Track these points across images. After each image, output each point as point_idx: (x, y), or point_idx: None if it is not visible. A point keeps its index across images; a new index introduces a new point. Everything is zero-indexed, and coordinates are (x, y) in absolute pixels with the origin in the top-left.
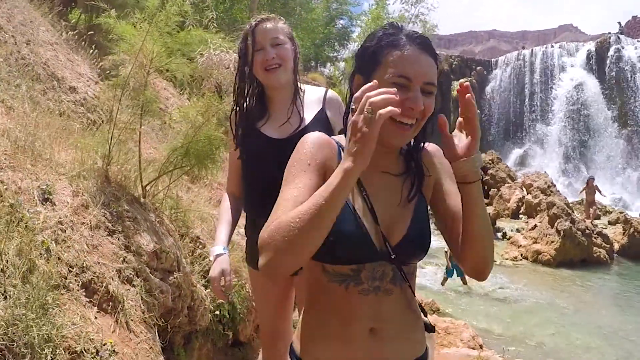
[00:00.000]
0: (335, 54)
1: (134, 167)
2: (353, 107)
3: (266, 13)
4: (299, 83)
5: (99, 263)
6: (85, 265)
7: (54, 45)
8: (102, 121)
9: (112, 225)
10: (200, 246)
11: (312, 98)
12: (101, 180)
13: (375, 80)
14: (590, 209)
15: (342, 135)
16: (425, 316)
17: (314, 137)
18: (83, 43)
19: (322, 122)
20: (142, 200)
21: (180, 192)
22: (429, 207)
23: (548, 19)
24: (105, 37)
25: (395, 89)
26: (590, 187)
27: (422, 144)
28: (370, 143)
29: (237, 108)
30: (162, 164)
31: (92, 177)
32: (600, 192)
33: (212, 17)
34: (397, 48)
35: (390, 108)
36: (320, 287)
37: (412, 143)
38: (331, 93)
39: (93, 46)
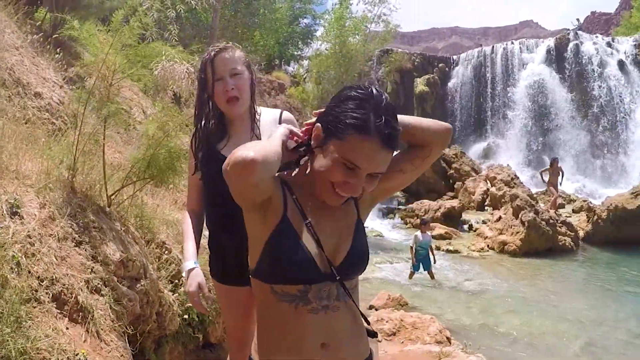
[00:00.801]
0: (299, 53)
1: (99, 176)
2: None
3: (224, 41)
4: (255, 107)
5: (67, 274)
6: (54, 277)
7: (19, 49)
8: (67, 127)
9: (79, 236)
10: (166, 251)
11: (268, 119)
12: (67, 191)
13: None
14: (553, 196)
15: (289, 172)
16: (368, 324)
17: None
18: (48, 46)
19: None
20: (107, 209)
21: (145, 197)
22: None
23: (509, 15)
24: (70, 37)
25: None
26: (555, 169)
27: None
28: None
29: (198, 133)
30: (126, 174)
31: (58, 188)
32: (562, 175)
33: (174, 31)
34: (361, 135)
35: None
36: (270, 305)
37: None
38: (286, 114)
39: (58, 49)
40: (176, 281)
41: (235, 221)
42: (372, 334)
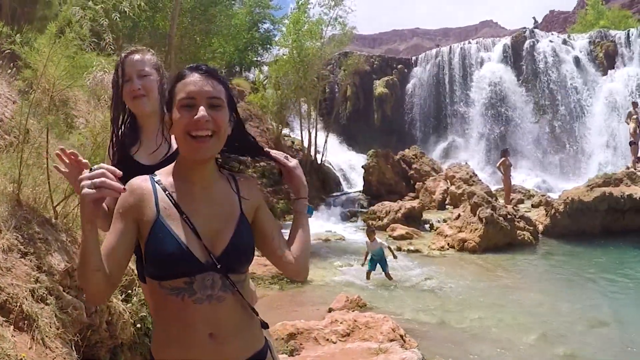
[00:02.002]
0: (259, 58)
1: (45, 188)
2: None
3: (136, 45)
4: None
5: (12, 284)
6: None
7: None
8: (19, 142)
9: (24, 248)
10: None
11: None
12: (12, 205)
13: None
14: (505, 190)
15: (166, 168)
16: (257, 315)
17: (128, 186)
18: (1, 61)
19: None
20: (53, 221)
21: None
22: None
23: (470, 15)
24: (21, 49)
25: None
26: (508, 160)
27: (237, 165)
28: (84, 218)
29: (112, 137)
30: (68, 184)
31: (3, 201)
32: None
33: (109, 40)
34: (182, 78)
35: (89, 191)
36: (159, 299)
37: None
38: None
39: (11, 64)
40: (129, 291)
41: None
42: (264, 325)
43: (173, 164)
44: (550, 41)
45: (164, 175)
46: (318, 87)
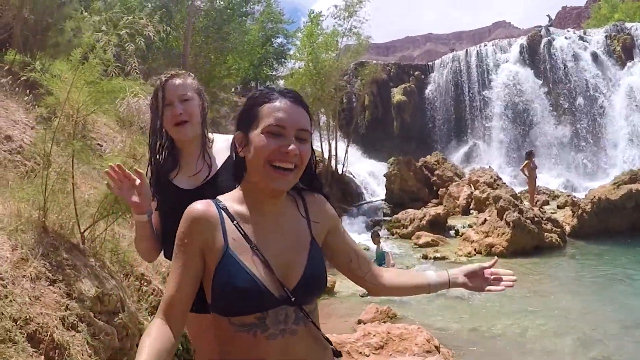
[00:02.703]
0: (274, 73)
1: (71, 214)
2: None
3: (176, 69)
4: (207, 133)
5: (42, 313)
6: (28, 317)
7: None
8: (40, 168)
9: (52, 275)
10: (146, 283)
11: (221, 145)
12: (39, 232)
13: None
14: (530, 191)
15: (230, 193)
16: (330, 344)
17: (190, 212)
18: (17, 89)
19: (231, 169)
20: (81, 246)
21: (122, 229)
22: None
23: (481, 17)
24: (41, 76)
25: None
26: (532, 162)
27: (312, 191)
28: None
29: (151, 162)
30: (97, 209)
31: (29, 229)
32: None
33: (134, 65)
34: (271, 101)
35: None
36: (228, 338)
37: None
38: None
39: (27, 91)
40: None
41: None
42: (337, 354)
43: (238, 190)
44: (567, 38)
45: (229, 202)
46: (336, 98)
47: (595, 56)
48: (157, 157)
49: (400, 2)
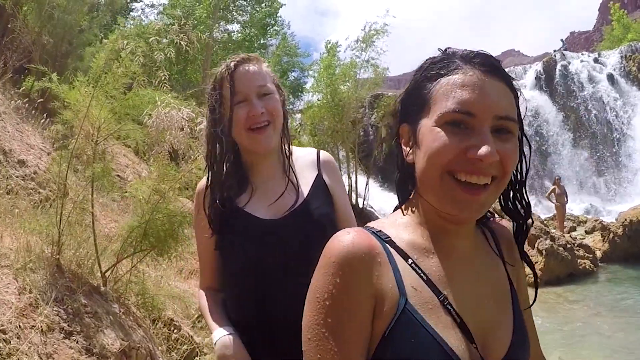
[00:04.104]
0: (291, 107)
1: (90, 250)
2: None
3: (243, 52)
4: (289, 144)
5: None
6: None
7: (1, 115)
8: (55, 197)
9: (68, 326)
10: (175, 330)
11: (305, 161)
12: (52, 271)
13: None
14: (559, 218)
15: (390, 218)
16: None
17: (343, 247)
18: (34, 112)
19: (322, 192)
20: (102, 289)
21: (147, 268)
22: None
23: (491, 46)
24: (60, 103)
25: None
26: (560, 187)
27: (527, 223)
28: None
29: (210, 182)
30: (121, 246)
31: (41, 267)
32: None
33: (164, 77)
34: (450, 73)
35: None
36: None
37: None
38: (325, 154)
39: (45, 114)
40: None
41: (280, 312)
42: None
43: (401, 213)
44: (582, 61)
45: (393, 230)
46: (355, 130)
47: (611, 78)
48: (218, 173)
49: (409, 35)
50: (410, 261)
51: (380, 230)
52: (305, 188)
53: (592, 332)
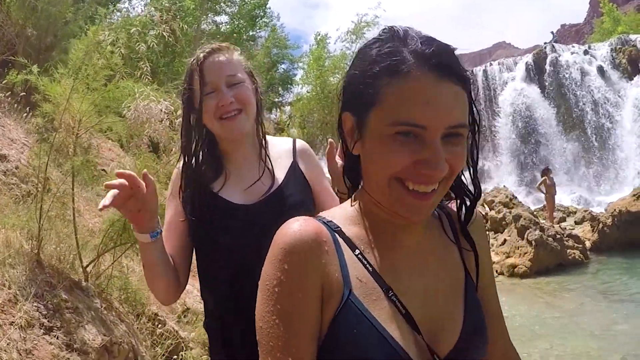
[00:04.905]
0: (280, 99)
1: (72, 245)
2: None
3: (217, 42)
4: (264, 131)
5: None
6: None
7: None
8: (37, 191)
9: (48, 321)
10: (160, 325)
11: (279, 150)
12: (31, 266)
13: None
14: (549, 209)
15: (339, 209)
16: None
17: (294, 235)
18: (16, 105)
19: (298, 179)
20: (83, 284)
21: (131, 263)
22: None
23: (481, 39)
24: (41, 96)
25: None
26: (550, 178)
27: (474, 203)
28: None
29: (185, 168)
30: (101, 240)
31: (20, 263)
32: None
33: (146, 69)
34: (400, 77)
35: None
36: None
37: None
38: (301, 143)
39: (27, 108)
40: (174, 357)
41: (244, 284)
42: None
43: (350, 204)
44: (572, 53)
45: (342, 221)
46: None
47: (601, 70)
48: (193, 161)
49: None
50: (357, 252)
51: (331, 221)
52: (280, 174)
53: (581, 321)
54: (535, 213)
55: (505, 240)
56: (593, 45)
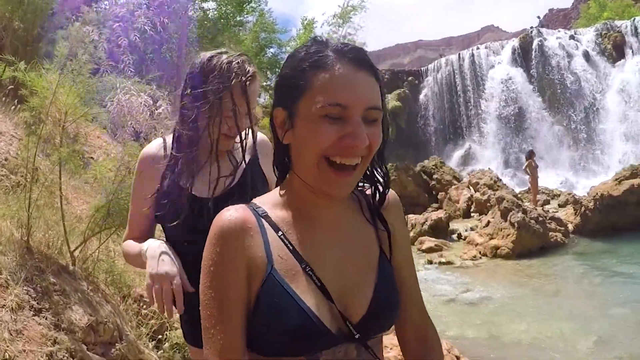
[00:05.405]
0: (268, 83)
1: (60, 231)
2: None
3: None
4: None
5: (25, 350)
6: (8, 356)
7: None
8: (26, 182)
9: (37, 303)
10: (145, 305)
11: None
12: (21, 253)
13: None
14: (533, 191)
15: (268, 195)
16: None
17: (223, 221)
18: (5, 98)
19: (257, 171)
20: (71, 268)
21: (118, 247)
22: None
23: (470, 22)
24: (24, 76)
25: None
26: (534, 161)
27: (385, 190)
28: None
29: (172, 162)
30: (87, 225)
31: (11, 250)
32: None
33: (129, 62)
34: (325, 68)
35: None
36: None
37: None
38: (261, 136)
39: (15, 101)
40: (159, 336)
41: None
42: None
43: (278, 191)
44: (558, 38)
45: (269, 206)
46: None
47: (587, 55)
48: (186, 159)
49: (391, 11)
50: (280, 233)
51: (260, 207)
52: (244, 166)
53: (560, 303)
54: (519, 195)
55: (489, 222)
56: (579, 31)
